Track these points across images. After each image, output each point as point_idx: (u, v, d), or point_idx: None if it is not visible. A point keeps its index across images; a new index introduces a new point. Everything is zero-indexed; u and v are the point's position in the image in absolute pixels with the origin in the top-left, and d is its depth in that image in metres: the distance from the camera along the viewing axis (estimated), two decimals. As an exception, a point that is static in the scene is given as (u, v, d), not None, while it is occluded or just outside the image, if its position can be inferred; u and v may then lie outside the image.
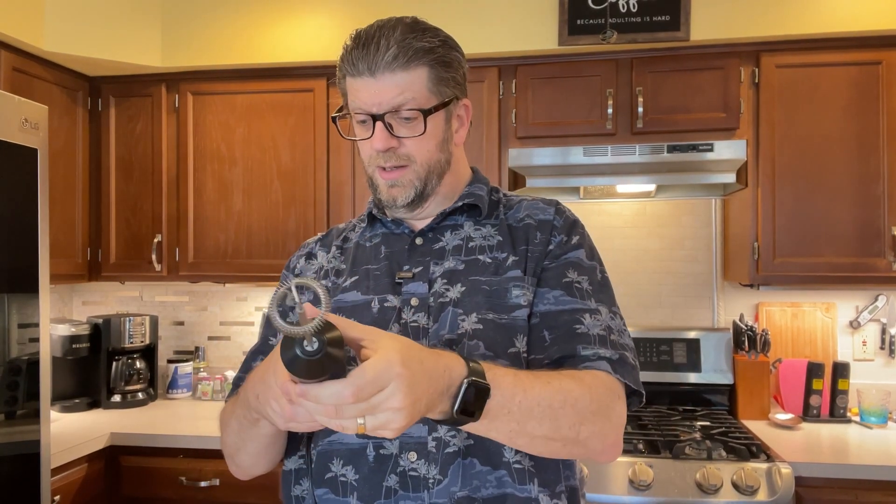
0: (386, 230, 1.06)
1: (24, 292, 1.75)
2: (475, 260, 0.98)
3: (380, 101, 0.93)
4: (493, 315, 0.93)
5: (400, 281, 0.98)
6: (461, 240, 1.01)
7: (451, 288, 0.95)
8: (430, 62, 0.94)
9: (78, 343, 2.52)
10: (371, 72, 0.93)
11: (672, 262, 2.66)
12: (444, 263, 0.98)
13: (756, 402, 2.36)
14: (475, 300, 0.94)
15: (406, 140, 0.95)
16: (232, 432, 0.94)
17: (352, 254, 1.06)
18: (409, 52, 0.92)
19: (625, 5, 2.25)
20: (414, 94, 0.93)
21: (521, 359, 0.92)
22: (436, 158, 0.98)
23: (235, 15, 2.49)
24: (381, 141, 0.94)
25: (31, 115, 1.78)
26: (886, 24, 2.15)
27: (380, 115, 0.93)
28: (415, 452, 0.89)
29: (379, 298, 0.97)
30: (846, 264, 2.19)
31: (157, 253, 2.57)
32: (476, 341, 0.91)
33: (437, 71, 0.95)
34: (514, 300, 0.94)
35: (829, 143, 2.21)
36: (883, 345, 2.50)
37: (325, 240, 1.12)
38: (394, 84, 0.92)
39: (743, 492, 1.82)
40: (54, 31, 2.32)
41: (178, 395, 2.75)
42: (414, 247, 1.02)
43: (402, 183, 0.97)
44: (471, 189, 1.05)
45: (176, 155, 2.59)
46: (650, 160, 2.20)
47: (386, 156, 0.95)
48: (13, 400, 1.72)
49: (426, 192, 0.99)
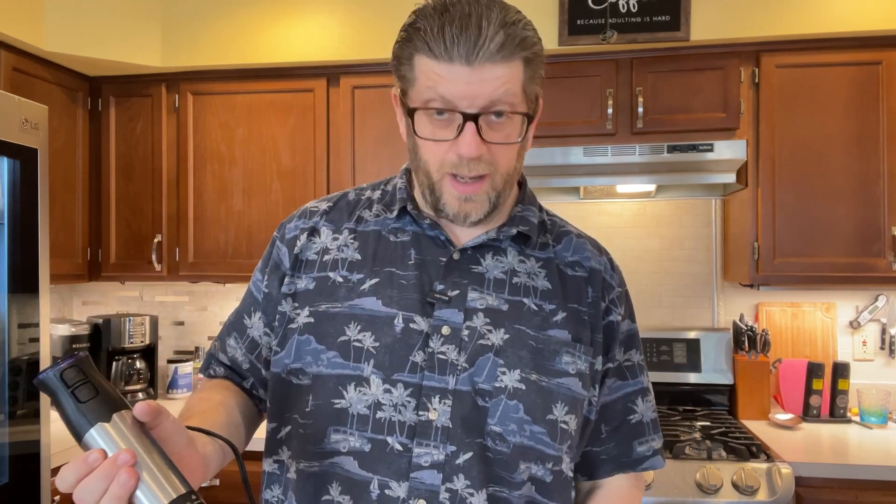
0: (417, 228, 0.91)
1: (24, 292, 1.75)
2: (520, 303, 0.87)
3: (475, 97, 0.77)
4: (536, 376, 0.84)
5: (432, 301, 0.85)
6: (504, 273, 0.88)
7: (493, 331, 0.84)
8: (528, 56, 0.80)
9: (78, 343, 2.51)
10: (469, 60, 0.76)
11: (672, 262, 2.66)
12: (486, 297, 0.86)
13: (756, 402, 2.36)
14: (519, 354, 0.84)
15: (494, 146, 0.81)
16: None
17: (371, 245, 0.90)
18: (516, 41, 0.77)
19: (625, 5, 2.25)
20: (511, 92, 0.79)
21: (556, 427, 0.85)
22: (513, 168, 0.85)
23: (235, 15, 2.49)
24: (472, 147, 0.78)
25: (31, 115, 1.78)
26: (886, 24, 2.15)
27: (474, 114, 0.78)
28: (424, 501, 0.80)
29: (404, 316, 0.84)
30: (846, 264, 2.19)
31: (157, 253, 2.57)
32: (516, 402, 0.82)
33: (533, 68, 0.81)
34: (562, 366, 0.86)
35: (829, 143, 2.21)
36: (883, 345, 2.50)
37: (333, 213, 0.95)
38: (494, 78, 0.77)
39: (743, 492, 1.82)
40: (54, 31, 2.32)
41: (179, 395, 2.75)
42: (452, 263, 0.88)
43: (478, 199, 0.83)
44: (524, 213, 0.92)
45: (176, 155, 2.59)
46: (650, 160, 2.20)
47: (472, 164, 0.80)
48: (13, 400, 1.72)
49: (497, 206, 0.86)
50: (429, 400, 0.82)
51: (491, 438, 0.82)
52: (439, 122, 0.80)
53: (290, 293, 0.91)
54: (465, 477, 0.81)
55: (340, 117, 2.47)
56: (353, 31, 2.44)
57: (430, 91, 0.79)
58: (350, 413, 0.83)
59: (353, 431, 0.83)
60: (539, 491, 0.86)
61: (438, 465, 0.81)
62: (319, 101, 2.49)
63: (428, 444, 0.81)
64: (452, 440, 0.81)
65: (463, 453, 0.81)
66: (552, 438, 0.85)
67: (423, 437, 0.81)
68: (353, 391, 0.83)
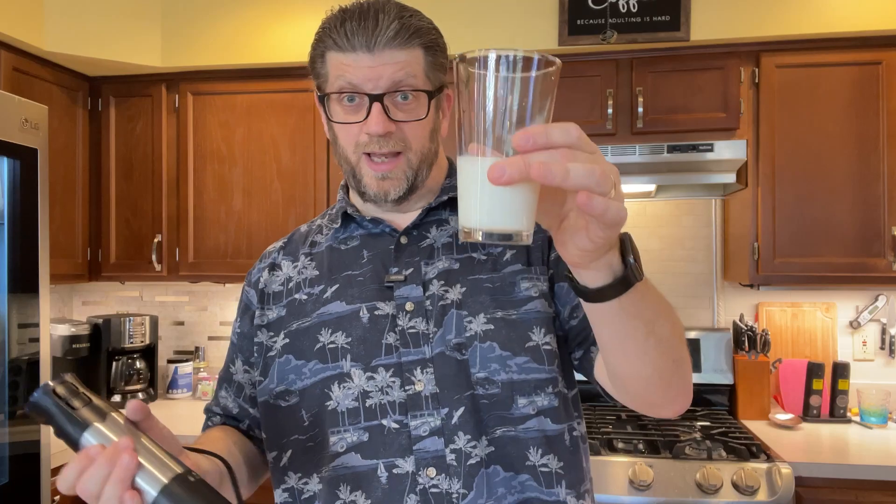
0: (363, 231, 0.97)
1: (24, 292, 1.75)
2: (469, 258, 0.92)
3: (377, 80, 0.85)
4: (502, 313, 0.88)
5: (390, 285, 0.90)
6: (450, 237, 0.94)
7: (450, 289, 0.89)
8: (426, 44, 0.88)
9: (78, 343, 2.52)
10: (369, 48, 0.84)
11: (672, 262, 2.66)
12: (437, 263, 0.91)
13: (756, 402, 2.36)
14: (479, 300, 0.88)
15: (404, 125, 0.87)
16: None
17: (326, 260, 0.97)
18: (411, 29, 0.86)
19: (625, 5, 2.25)
20: (413, 75, 0.86)
21: (540, 351, 0.87)
22: (427, 148, 0.91)
23: (235, 15, 2.49)
24: (379, 123, 0.85)
25: (31, 115, 1.78)
26: (886, 24, 2.15)
27: (378, 94, 0.85)
28: (433, 468, 0.83)
29: (367, 306, 0.90)
30: (846, 264, 2.19)
31: (157, 253, 2.57)
32: (489, 342, 0.86)
33: (433, 54, 0.89)
34: (523, 293, 0.89)
35: (829, 144, 2.21)
36: (883, 345, 2.50)
37: (289, 247, 1.02)
38: (394, 62, 0.85)
39: (743, 492, 1.82)
40: (54, 31, 2.32)
41: (179, 395, 2.75)
42: (400, 247, 0.94)
43: (394, 175, 0.89)
44: (452, 182, 0.98)
45: (176, 155, 2.59)
46: (650, 160, 2.20)
47: (382, 141, 0.86)
48: (13, 400, 1.72)
49: (416, 185, 0.91)
50: (411, 374, 0.86)
51: (480, 386, 0.86)
52: (350, 107, 0.88)
53: (264, 324, 0.96)
54: (463, 433, 0.84)
55: (340, 117, 2.47)
56: (353, 31, 2.43)
57: (339, 80, 0.87)
58: (339, 411, 0.87)
59: (348, 427, 0.86)
60: (550, 418, 0.87)
61: (437, 431, 0.84)
62: (319, 101, 2.48)
63: (422, 413, 0.85)
64: (444, 403, 0.85)
65: (455, 411, 0.85)
66: (539, 363, 0.87)
67: (416, 409, 0.85)
68: (337, 389, 0.87)
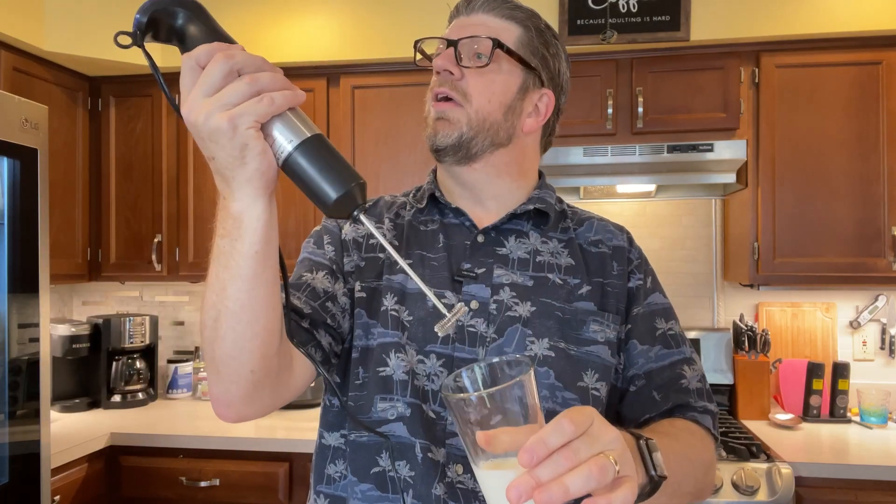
0: (445, 218, 0.97)
1: (24, 292, 1.75)
2: (544, 278, 0.91)
3: (460, 31, 0.89)
4: (565, 344, 0.88)
5: (460, 279, 0.90)
6: (527, 253, 0.93)
7: (520, 303, 0.89)
8: (525, 24, 0.91)
9: (78, 343, 2.51)
10: (467, 11, 0.91)
11: (672, 262, 2.66)
12: (511, 274, 0.91)
13: (756, 402, 2.36)
14: (547, 324, 0.88)
15: (468, 73, 0.88)
16: (210, 291, 0.72)
17: (405, 233, 0.97)
18: (509, 4, 0.91)
19: (625, 5, 2.25)
20: (498, 36, 0.88)
21: (588, 394, 0.88)
22: (493, 116, 0.89)
23: (235, 15, 2.49)
24: (443, 59, 0.88)
25: (31, 115, 1.78)
26: (886, 24, 2.15)
27: (455, 40, 0.88)
28: (461, 465, 0.84)
29: (435, 292, 0.87)
30: (846, 264, 2.19)
31: (157, 253, 2.57)
32: (546, 368, 0.85)
33: (532, 37, 0.91)
34: (590, 334, 0.89)
35: (829, 143, 2.21)
36: (883, 345, 2.50)
37: (372, 210, 1.01)
38: (482, 23, 0.90)
39: (743, 492, 1.82)
40: (54, 31, 2.32)
41: (178, 395, 2.75)
42: (476, 245, 0.93)
43: (449, 117, 0.89)
44: (540, 194, 0.98)
45: (176, 155, 2.59)
46: (650, 160, 2.20)
47: (441, 78, 0.89)
48: (13, 400, 1.72)
49: (472, 148, 0.89)
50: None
51: None
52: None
53: (351, 271, 0.94)
54: None
55: (340, 117, 2.47)
56: (353, 31, 2.44)
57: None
58: (394, 379, 0.87)
59: (398, 397, 0.86)
60: None
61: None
62: (319, 101, 2.48)
63: None
64: None
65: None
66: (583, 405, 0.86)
67: None
68: (394, 358, 0.87)
